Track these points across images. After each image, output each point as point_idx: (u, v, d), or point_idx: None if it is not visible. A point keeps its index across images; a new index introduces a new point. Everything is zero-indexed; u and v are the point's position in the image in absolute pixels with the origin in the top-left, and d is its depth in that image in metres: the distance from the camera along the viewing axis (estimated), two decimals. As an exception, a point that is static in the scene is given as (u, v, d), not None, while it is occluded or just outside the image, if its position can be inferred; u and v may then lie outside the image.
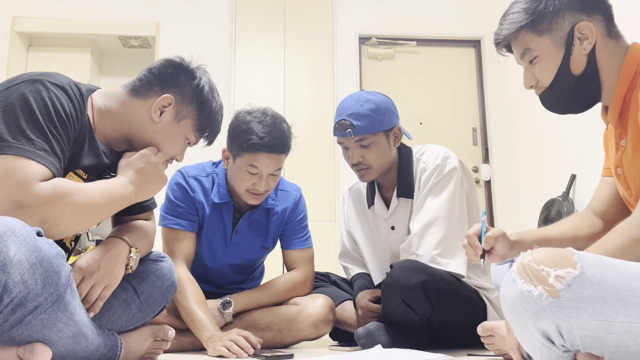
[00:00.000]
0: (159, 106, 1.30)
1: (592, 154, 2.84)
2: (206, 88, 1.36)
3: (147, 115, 1.30)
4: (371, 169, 1.85)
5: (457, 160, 1.83)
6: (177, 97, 1.32)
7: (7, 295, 0.91)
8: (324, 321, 1.81)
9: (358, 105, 1.80)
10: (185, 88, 1.33)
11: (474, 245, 1.34)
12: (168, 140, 1.33)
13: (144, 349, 1.33)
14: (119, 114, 1.29)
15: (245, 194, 1.80)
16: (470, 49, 4.45)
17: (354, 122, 1.78)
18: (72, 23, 4.15)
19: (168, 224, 1.84)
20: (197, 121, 1.35)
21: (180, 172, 1.90)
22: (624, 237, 0.99)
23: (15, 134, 1.05)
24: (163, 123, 1.31)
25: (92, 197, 1.12)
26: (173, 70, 1.33)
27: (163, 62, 1.35)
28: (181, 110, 1.33)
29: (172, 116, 1.32)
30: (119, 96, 1.31)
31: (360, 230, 2.03)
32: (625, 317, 0.81)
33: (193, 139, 1.38)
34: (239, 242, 1.91)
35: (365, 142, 1.80)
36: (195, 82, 1.34)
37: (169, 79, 1.32)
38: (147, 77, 1.32)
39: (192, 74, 1.35)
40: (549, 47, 1.18)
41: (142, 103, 1.30)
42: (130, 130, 1.30)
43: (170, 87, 1.32)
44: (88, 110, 1.23)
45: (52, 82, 1.14)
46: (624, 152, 1.16)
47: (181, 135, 1.34)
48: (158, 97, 1.30)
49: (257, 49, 4.08)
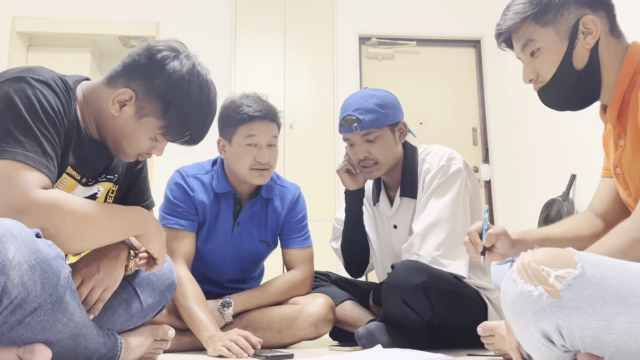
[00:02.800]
0: (117, 99, 1.18)
1: (592, 154, 2.84)
2: (178, 83, 1.19)
3: (108, 106, 1.20)
4: (378, 164, 1.84)
5: (462, 162, 1.83)
6: (139, 92, 1.18)
7: (6, 296, 0.91)
8: (324, 321, 1.81)
9: (363, 100, 1.81)
10: (154, 82, 1.18)
11: (474, 242, 1.34)
12: (128, 136, 1.22)
13: (144, 349, 1.33)
14: (91, 103, 1.22)
15: (250, 173, 1.81)
16: (470, 49, 4.45)
17: (360, 116, 1.78)
18: (72, 23, 4.15)
19: (167, 224, 1.84)
20: (162, 121, 1.20)
21: (179, 172, 1.91)
22: (624, 238, 0.99)
23: (3, 137, 1.02)
24: (122, 118, 1.20)
25: (91, 210, 1.08)
26: (147, 60, 1.19)
27: (144, 49, 1.21)
28: (143, 107, 1.19)
29: (133, 112, 1.19)
30: (95, 84, 1.24)
31: (368, 226, 2.03)
32: (626, 317, 0.81)
33: (162, 139, 1.24)
34: (241, 234, 1.92)
35: (372, 136, 1.81)
36: (168, 77, 1.18)
37: (140, 70, 1.19)
38: (122, 64, 1.22)
39: (164, 67, 1.18)
40: (552, 39, 1.18)
41: (109, 92, 1.20)
42: (98, 119, 1.23)
43: (137, 79, 1.19)
44: (76, 103, 1.20)
45: (36, 78, 1.09)
46: (623, 151, 1.16)
47: (144, 133, 1.21)
48: (122, 87, 1.19)
49: (257, 49, 4.08)
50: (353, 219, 1.97)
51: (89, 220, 1.07)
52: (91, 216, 1.08)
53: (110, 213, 1.14)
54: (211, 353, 1.56)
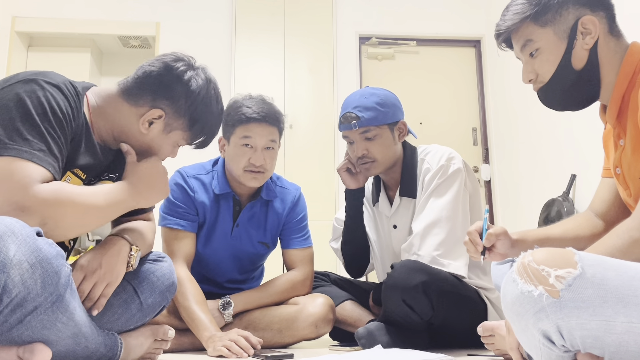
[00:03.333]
0: (147, 119, 1.27)
1: (592, 153, 2.83)
2: (203, 100, 1.30)
3: (135, 122, 1.27)
4: (376, 162, 1.85)
5: (462, 161, 1.83)
6: (168, 111, 1.28)
7: (6, 295, 0.91)
8: (324, 320, 1.81)
9: (363, 98, 1.83)
10: (179, 102, 1.28)
11: (474, 241, 1.34)
12: (156, 148, 1.32)
13: (144, 349, 1.33)
14: (110, 115, 1.28)
15: (244, 175, 1.81)
16: (470, 49, 4.45)
17: (359, 114, 1.80)
18: (72, 23, 4.15)
19: (168, 224, 1.84)
20: (187, 133, 1.33)
21: (180, 172, 1.91)
22: (624, 238, 0.99)
23: (11, 135, 1.05)
24: (151, 134, 1.29)
25: (93, 201, 1.12)
26: (170, 80, 1.27)
27: (163, 67, 1.28)
28: (171, 123, 1.29)
29: (162, 127, 1.29)
30: (110, 96, 1.29)
31: (368, 226, 2.03)
32: (626, 317, 0.81)
33: (184, 144, 1.36)
34: (240, 235, 1.92)
35: (370, 134, 1.82)
36: (193, 96, 1.29)
37: (163, 89, 1.27)
38: (141, 81, 1.27)
39: (188, 87, 1.28)
40: (551, 39, 1.18)
41: (133, 110, 1.27)
42: (121, 133, 1.29)
43: (162, 98, 1.27)
44: (85, 109, 1.22)
45: (47, 81, 1.13)
46: (623, 151, 1.16)
47: (170, 144, 1.33)
48: (148, 106, 1.26)
49: (257, 49, 4.08)
50: (353, 219, 1.97)
51: (87, 210, 1.11)
52: (89, 206, 1.12)
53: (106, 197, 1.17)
54: (211, 353, 1.56)
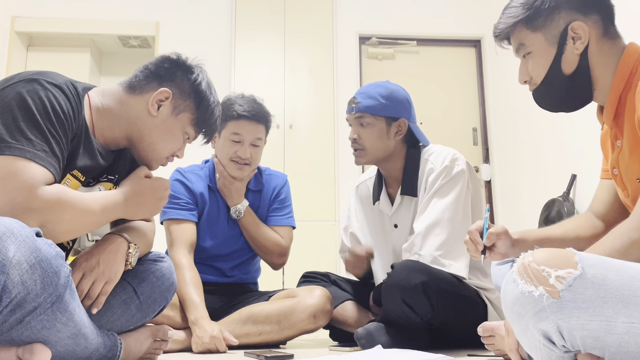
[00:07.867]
0: (156, 99, 1.29)
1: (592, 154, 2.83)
2: (203, 83, 1.36)
3: (144, 109, 1.30)
4: (364, 150, 1.89)
5: (465, 163, 1.83)
6: (174, 91, 1.32)
7: (6, 296, 0.91)
8: (322, 311, 1.84)
9: (372, 87, 1.90)
10: (183, 82, 1.34)
11: (475, 241, 1.34)
12: (167, 134, 1.33)
13: (144, 349, 1.33)
14: (116, 112, 1.29)
15: (229, 164, 1.95)
16: (470, 49, 4.45)
17: (360, 99, 1.88)
18: (72, 23, 4.15)
19: (169, 216, 1.95)
20: (195, 115, 1.35)
21: (177, 170, 2.08)
22: (622, 239, 0.99)
23: (14, 134, 1.05)
24: (161, 117, 1.31)
25: (90, 207, 1.14)
26: (170, 65, 1.34)
27: (160, 58, 1.35)
28: (179, 104, 1.33)
29: (170, 110, 1.32)
30: (115, 93, 1.31)
31: (366, 228, 2.03)
32: (626, 318, 0.81)
33: (192, 134, 1.38)
34: (235, 224, 2.04)
35: (364, 120, 1.88)
36: (193, 77, 1.35)
37: (166, 73, 1.33)
38: (143, 73, 1.33)
39: (189, 69, 1.35)
40: (542, 44, 1.19)
41: (140, 98, 1.30)
42: (129, 126, 1.30)
43: (167, 81, 1.32)
44: (85, 109, 1.23)
45: (49, 81, 1.14)
46: (620, 152, 1.16)
47: (179, 129, 1.34)
48: (155, 91, 1.30)
49: (257, 49, 4.08)
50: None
51: (85, 214, 1.13)
52: (88, 210, 1.13)
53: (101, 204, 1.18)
54: (195, 349, 1.68)
